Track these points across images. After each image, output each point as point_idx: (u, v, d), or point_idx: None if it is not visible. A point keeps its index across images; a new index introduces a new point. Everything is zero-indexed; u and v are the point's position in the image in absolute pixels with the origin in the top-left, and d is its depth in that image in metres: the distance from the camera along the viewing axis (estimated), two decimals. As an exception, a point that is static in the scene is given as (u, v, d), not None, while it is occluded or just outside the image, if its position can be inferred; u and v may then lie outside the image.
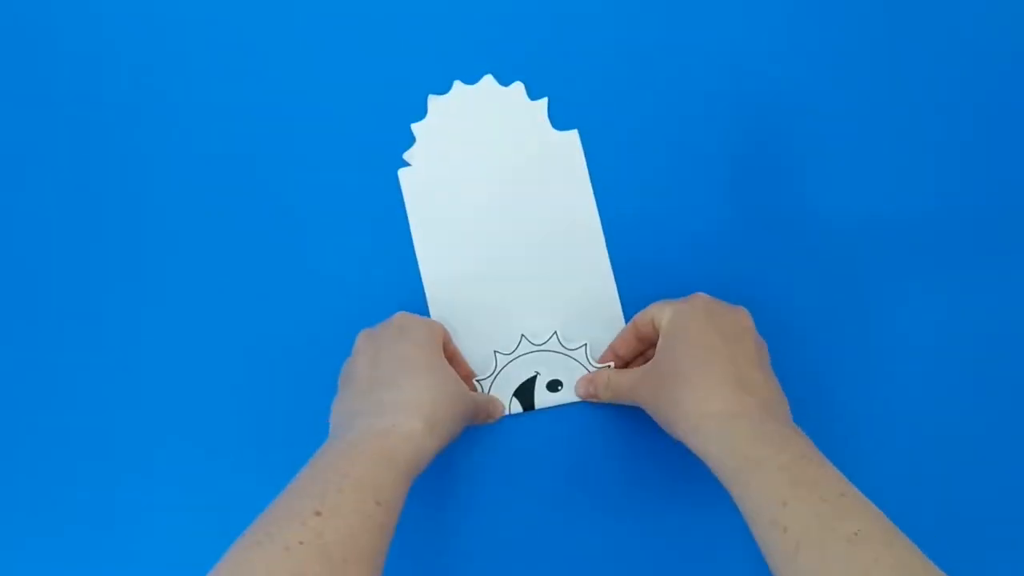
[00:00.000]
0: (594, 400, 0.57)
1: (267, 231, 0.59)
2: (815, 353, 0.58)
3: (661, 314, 0.52)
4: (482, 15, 0.61)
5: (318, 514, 0.41)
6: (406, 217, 0.59)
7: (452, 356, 0.57)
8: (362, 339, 0.53)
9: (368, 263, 0.59)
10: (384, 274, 0.59)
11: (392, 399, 0.48)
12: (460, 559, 0.56)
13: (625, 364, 0.57)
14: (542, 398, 0.57)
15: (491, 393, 0.57)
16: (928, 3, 0.61)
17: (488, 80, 0.60)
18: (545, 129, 0.60)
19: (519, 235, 0.59)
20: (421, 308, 0.58)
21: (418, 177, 0.59)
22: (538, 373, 0.57)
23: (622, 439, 0.57)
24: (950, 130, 0.60)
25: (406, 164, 0.59)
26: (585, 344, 0.57)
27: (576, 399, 0.57)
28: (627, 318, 0.58)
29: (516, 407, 0.57)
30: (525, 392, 0.57)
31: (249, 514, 0.42)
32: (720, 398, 0.47)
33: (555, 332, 0.57)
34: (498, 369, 0.57)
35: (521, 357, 0.57)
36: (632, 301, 0.58)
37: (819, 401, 0.57)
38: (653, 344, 0.53)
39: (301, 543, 0.39)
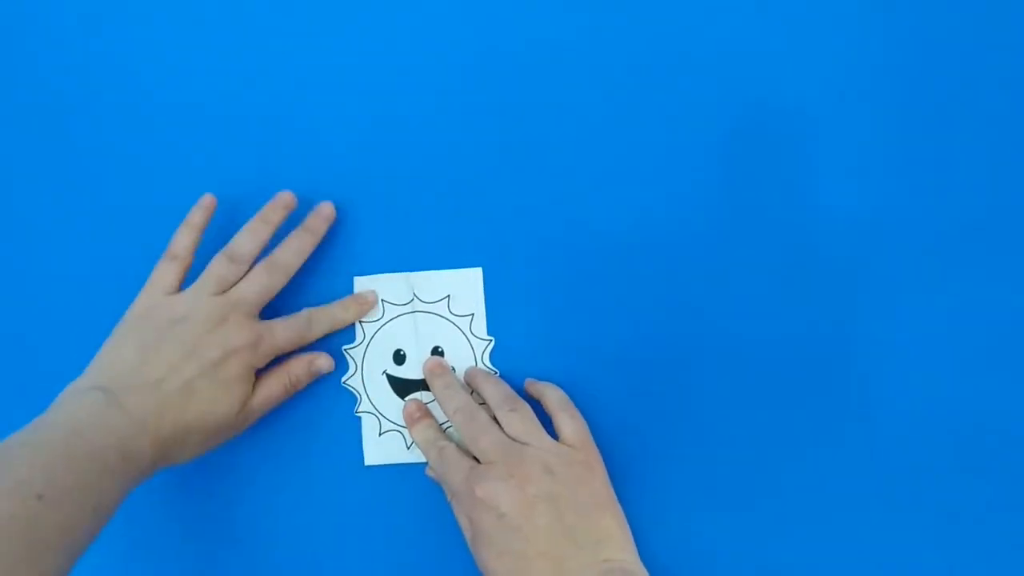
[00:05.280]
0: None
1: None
2: (808, 363, 0.57)
3: None
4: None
5: (40, 498, 0.42)
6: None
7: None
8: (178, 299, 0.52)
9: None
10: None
11: (142, 406, 0.48)
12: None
13: None
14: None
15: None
16: (922, 5, 0.60)
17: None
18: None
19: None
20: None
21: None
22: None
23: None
24: (944, 133, 0.59)
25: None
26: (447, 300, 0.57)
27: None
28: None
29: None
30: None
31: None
32: None
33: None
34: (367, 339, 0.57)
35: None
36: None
37: (813, 409, 0.57)
38: None
39: (12, 518, 0.41)
